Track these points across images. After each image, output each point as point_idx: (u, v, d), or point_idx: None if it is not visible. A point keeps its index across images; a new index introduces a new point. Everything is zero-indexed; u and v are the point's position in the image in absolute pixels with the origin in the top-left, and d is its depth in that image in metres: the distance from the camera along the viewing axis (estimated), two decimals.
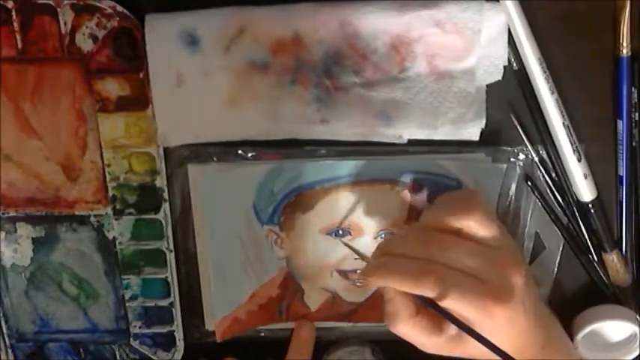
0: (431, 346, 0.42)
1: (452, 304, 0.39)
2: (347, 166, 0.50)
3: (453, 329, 0.41)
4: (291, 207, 0.51)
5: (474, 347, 0.40)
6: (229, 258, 0.53)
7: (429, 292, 0.39)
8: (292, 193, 0.51)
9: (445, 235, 0.40)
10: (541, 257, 0.53)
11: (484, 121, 0.48)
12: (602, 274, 0.53)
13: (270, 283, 0.54)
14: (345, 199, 0.51)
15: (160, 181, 0.51)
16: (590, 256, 0.53)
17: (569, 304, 0.54)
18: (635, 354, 0.54)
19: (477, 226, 0.40)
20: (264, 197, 0.51)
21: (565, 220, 0.52)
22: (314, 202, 0.51)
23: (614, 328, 0.54)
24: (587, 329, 0.53)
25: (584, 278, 0.54)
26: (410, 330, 0.41)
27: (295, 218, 0.52)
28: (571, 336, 0.54)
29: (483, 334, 0.39)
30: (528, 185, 0.51)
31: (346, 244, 0.51)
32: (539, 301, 0.43)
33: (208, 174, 0.50)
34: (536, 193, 0.51)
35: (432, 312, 0.41)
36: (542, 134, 0.49)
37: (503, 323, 0.39)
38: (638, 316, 0.53)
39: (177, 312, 0.55)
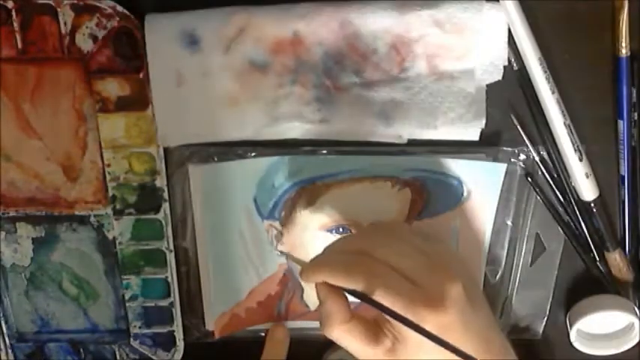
0: (365, 355, 0.41)
1: (380, 300, 0.38)
2: (348, 162, 0.50)
3: (387, 342, 0.40)
4: (291, 202, 0.51)
5: None
6: (230, 255, 0.53)
7: (356, 285, 0.39)
8: (293, 188, 0.51)
9: (384, 231, 0.41)
10: (541, 258, 0.53)
11: (484, 121, 0.48)
12: (604, 274, 0.53)
13: (270, 280, 0.54)
14: (345, 195, 0.51)
15: (160, 181, 0.51)
16: (592, 255, 0.53)
17: (570, 305, 0.54)
18: (632, 344, 0.54)
19: None
20: (265, 191, 0.51)
21: (567, 219, 0.52)
22: (315, 197, 0.51)
23: (610, 318, 0.54)
24: (583, 319, 0.53)
25: (586, 279, 0.54)
26: (343, 335, 0.41)
27: (296, 213, 0.52)
28: (567, 326, 0.54)
29: (417, 345, 0.38)
30: (530, 184, 0.51)
31: (288, 255, 0.52)
32: (492, 329, 0.41)
33: (208, 174, 0.50)
34: (538, 193, 0.51)
35: (367, 321, 0.41)
36: (542, 134, 0.49)
37: (435, 330, 0.37)
38: (636, 307, 0.53)
39: (177, 312, 0.55)
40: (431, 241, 0.42)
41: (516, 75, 0.48)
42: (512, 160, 0.50)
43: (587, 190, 0.50)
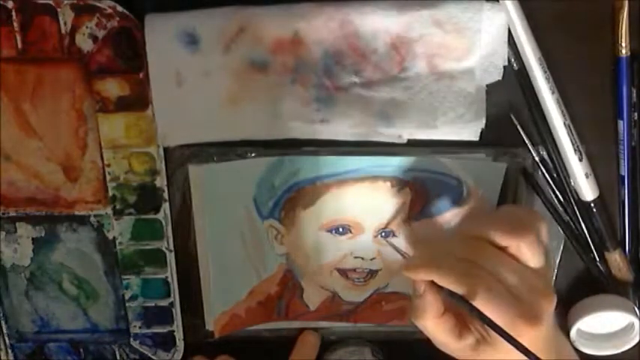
0: (448, 347, 0.44)
1: (488, 312, 0.40)
2: (348, 162, 0.50)
3: (471, 339, 0.43)
4: (291, 202, 0.51)
5: None
6: (230, 255, 0.53)
7: (462, 290, 0.41)
8: (293, 188, 0.51)
9: (491, 247, 0.42)
10: None
11: (484, 121, 0.48)
12: (604, 274, 0.53)
13: (270, 280, 0.54)
14: (345, 195, 0.51)
15: (160, 181, 0.51)
16: (592, 255, 0.53)
17: (570, 305, 0.54)
18: (632, 344, 0.54)
19: (526, 250, 0.42)
20: (265, 191, 0.51)
21: (567, 219, 0.52)
22: (315, 197, 0.51)
23: (610, 318, 0.54)
24: (584, 319, 0.53)
25: (586, 279, 0.54)
26: (433, 327, 0.44)
27: (296, 214, 0.52)
28: (567, 326, 0.54)
29: (506, 349, 0.40)
30: (529, 185, 0.51)
31: (390, 244, 0.52)
32: (566, 346, 0.46)
33: (208, 174, 0.50)
34: (538, 193, 0.51)
35: (456, 317, 0.44)
36: (542, 134, 0.49)
37: (527, 344, 0.40)
38: (636, 307, 0.53)
39: (177, 312, 0.55)
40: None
41: (516, 75, 0.48)
42: (512, 160, 0.50)
43: (587, 190, 0.50)
